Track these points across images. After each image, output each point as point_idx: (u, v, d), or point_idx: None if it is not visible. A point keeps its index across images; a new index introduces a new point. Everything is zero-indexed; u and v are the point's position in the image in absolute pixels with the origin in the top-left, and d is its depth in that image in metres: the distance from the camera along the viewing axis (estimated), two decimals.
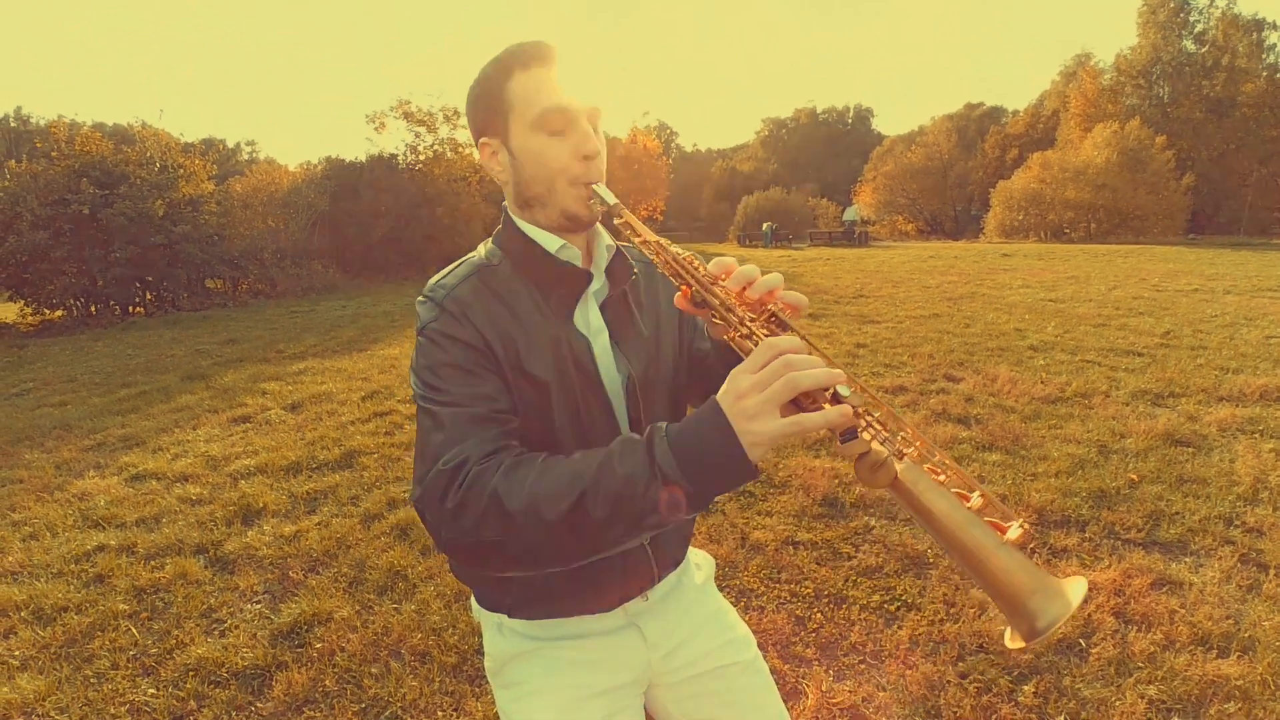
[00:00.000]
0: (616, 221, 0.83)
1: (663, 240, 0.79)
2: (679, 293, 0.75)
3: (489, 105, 0.84)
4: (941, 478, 0.62)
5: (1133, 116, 27.17)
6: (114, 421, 4.91)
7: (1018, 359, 5.45)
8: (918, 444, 0.64)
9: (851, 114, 66.07)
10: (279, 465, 3.80)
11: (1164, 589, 2.26)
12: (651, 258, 0.79)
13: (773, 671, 1.98)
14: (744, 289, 0.72)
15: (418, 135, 18.74)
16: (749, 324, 0.70)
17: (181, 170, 13.07)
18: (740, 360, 0.68)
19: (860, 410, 0.63)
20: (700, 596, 1.04)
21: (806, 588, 2.42)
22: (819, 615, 2.27)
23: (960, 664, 1.97)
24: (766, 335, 0.68)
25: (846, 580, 2.45)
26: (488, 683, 2.00)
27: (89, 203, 11.30)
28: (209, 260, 13.01)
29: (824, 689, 1.92)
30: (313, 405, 5.08)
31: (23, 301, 11.72)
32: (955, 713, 1.80)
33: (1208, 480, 3.02)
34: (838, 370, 0.62)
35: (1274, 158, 28.68)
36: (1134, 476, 3.09)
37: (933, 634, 2.12)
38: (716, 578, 1.15)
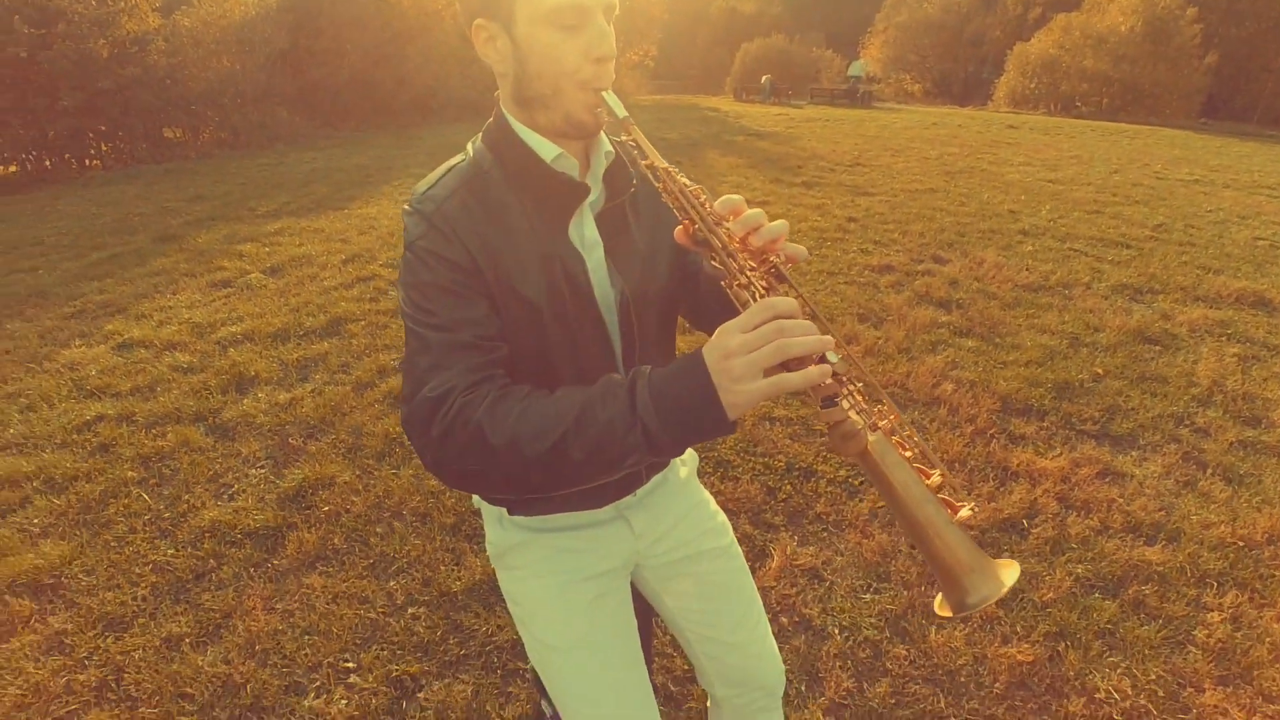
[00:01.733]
0: (624, 138, 0.78)
1: (671, 168, 0.75)
2: (680, 226, 0.73)
3: None
4: (908, 453, 0.65)
5: None
6: (91, 287, 4.82)
7: (1007, 243, 5.44)
8: (891, 417, 0.67)
9: None
10: (266, 332, 3.82)
11: (1108, 479, 2.46)
12: (656, 185, 0.75)
13: (743, 536, 2.20)
14: (748, 234, 0.70)
15: None
16: (748, 274, 0.69)
17: (122, 2, 11.77)
18: (733, 306, 0.69)
19: (843, 378, 0.64)
20: (683, 490, 1.12)
21: (779, 461, 2.59)
22: (788, 487, 2.45)
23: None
24: (765, 289, 0.68)
25: (816, 455, 2.62)
26: (484, 540, 2.20)
27: (25, 45, 10.26)
28: (163, 106, 12.12)
29: (788, 553, 2.13)
30: (293, 269, 5.00)
31: None
32: (903, 578, 2.02)
33: (1168, 379, 3.18)
34: (828, 337, 0.63)
35: None
36: (1099, 370, 3.23)
37: (890, 508, 2.32)
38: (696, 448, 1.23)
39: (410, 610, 1.95)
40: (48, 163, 11.39)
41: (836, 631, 1.85)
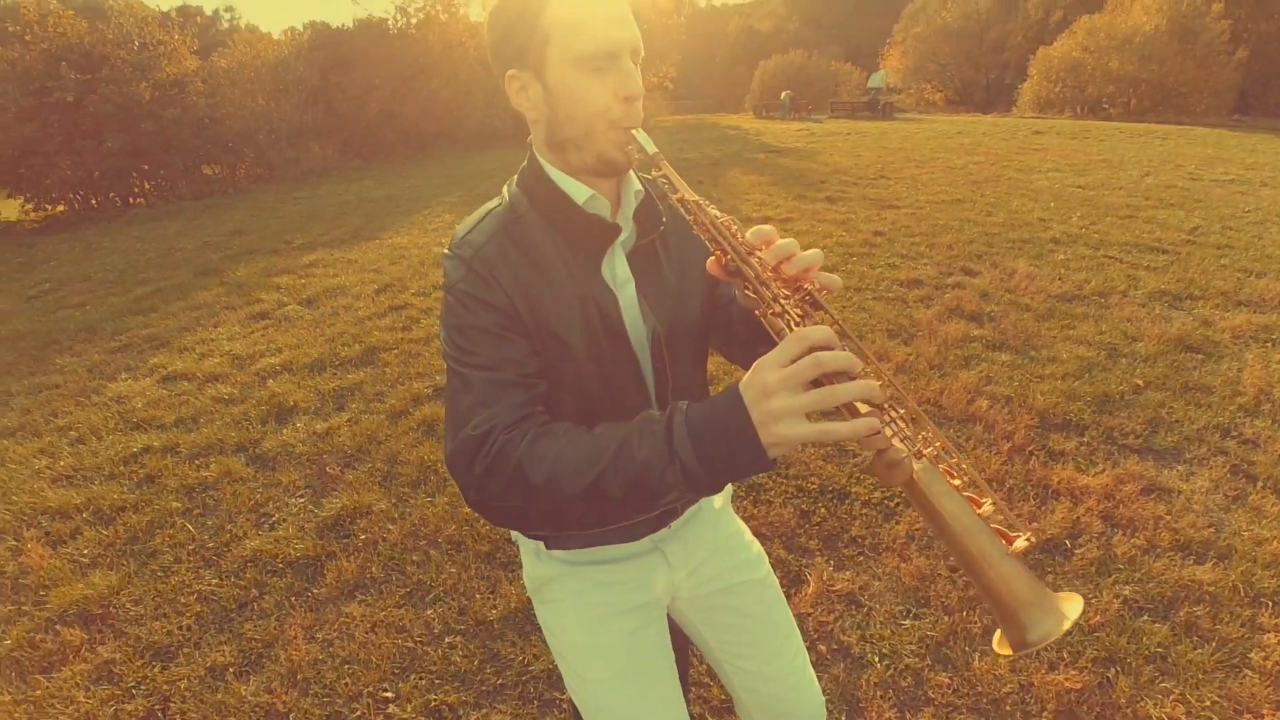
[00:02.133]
0: (655, 174, 0.79)
1: (701, 200, 0.76)
2: (712, 257, 0.73)
3: (521, 35, 0.78)
4: (956, 481, 0.63)
5: None
6: (136, 322, 5.02)
7: (1038, 252, 5.35)
8: (937, 444, 0.64)
9: None
10: (303, 363, 3.92)
11: (1153, 495, 2.38)
12: (687, 218, 0.75)
13: (778, 561, 2.18)
14: (780, 263, 0.70)
15: None
16: (782, 302, 0.68)
17: (162, 47, 12.41)
18: (767, 336, 0.68)
19: (884, 405, 0.62)
20: (718, 520, 1.12)
21: (812, 483, 2.57)
22: (823, 510, 2.42)
23: (951, 559, 2.14)
24: (799, 317, 0.67)
25: (850, 477, 2.59)
26: (519, 569, 2.21)
27: (72, 90, 10.88)
28: (203, 145, 12.69)
29: (824, 578, 2.11)
30: (328, 300, 5.14)
31: (23, 198, 11.61)
32: (944, 603, 1.97)
33: (1212, 389, 3.08)
34: (872, 381, 0.61)
35: None
36: (1140, 382, 3.15)
37: (928, 530, 2.27)
38: None
39: (447, 639, 1.97)
40: (94, 201, 11.97)
41: (876, 659, 1.82)
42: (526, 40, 0.78)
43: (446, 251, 0.86)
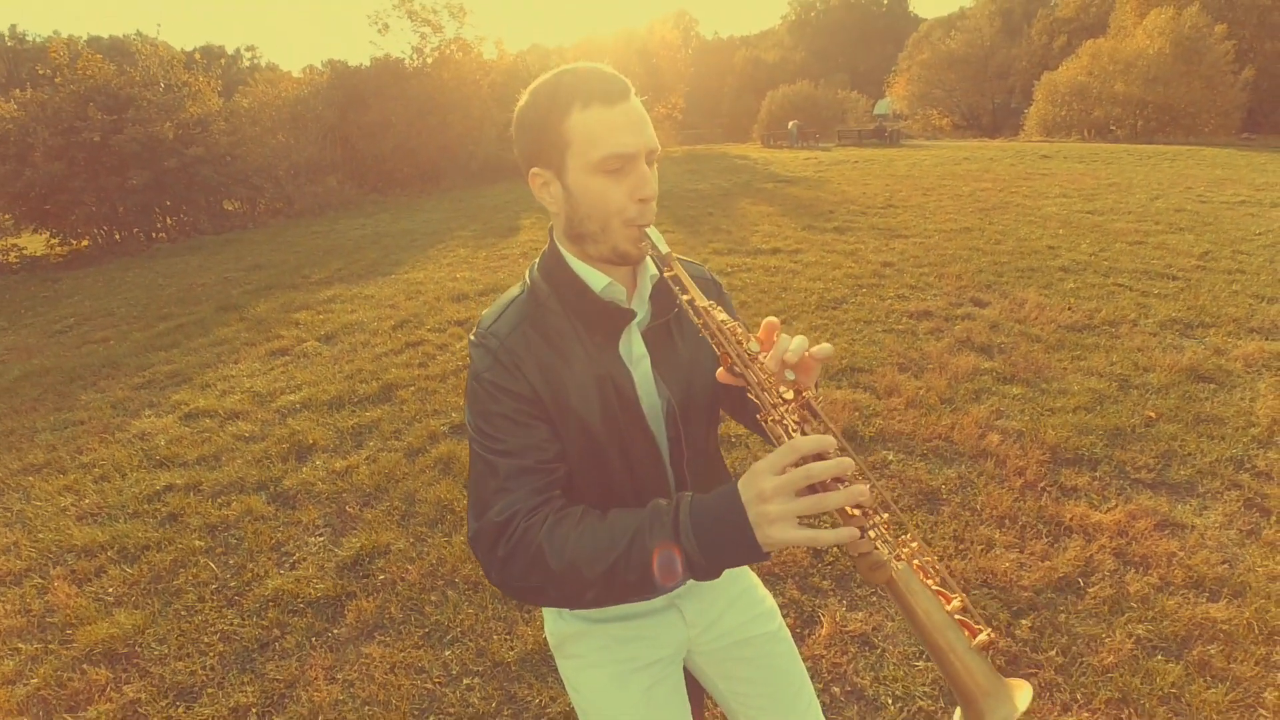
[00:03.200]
0: (666, 273, 0.85)
1: (710, 305, 0.81)
2: (721, 367, 0.80)
3: (544, 140, 0.84)
4: (930, 581, 0.70)
5: (1192, 1, 24.80)
6: (158, 358, 5.14)
7: (1047, 281, 5.38)
8: (913, 545, 0.72)
9: None
10: (322, 400, 4.00)
11: (1166, 531, 2.38)
12: (695, 321, 0.81)
13: (791, 602, 2.19)
14: (781, 363, 0.76)
15: (423, 36, 17.91)
16: (781, 409, 0.74)
17: (187, 89, 12.85)
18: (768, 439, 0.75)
19: (869, 512, 0.70)
20: (732, 576, 1.15)
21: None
22: (835, 550, 2.43)
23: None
24: (796, 425, 0.74)
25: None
26: (536, 610, 2.24)
27: (99, 129, 11.27)
28: (224, 181, 13.03)
29: (838, 619, 2.11)
30: (345, 336, 5.25)
31: (49, 233, 11.96)
32: None
33: (1225, 420, 3.07)
34: (860, 487, 0.68)
35: None
36: (1152, 414, 3.15)
37: (940, 570, 2.28)
38: None
39: (465, 681, 2.00)
40: (118, 236, 12.29)
41: (890, 701, 1.82)
42: (550, 144, 0.84)
43: (472, 338, 0.92)
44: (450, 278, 6.91)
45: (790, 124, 25.61)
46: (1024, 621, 2.03)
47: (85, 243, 12.18)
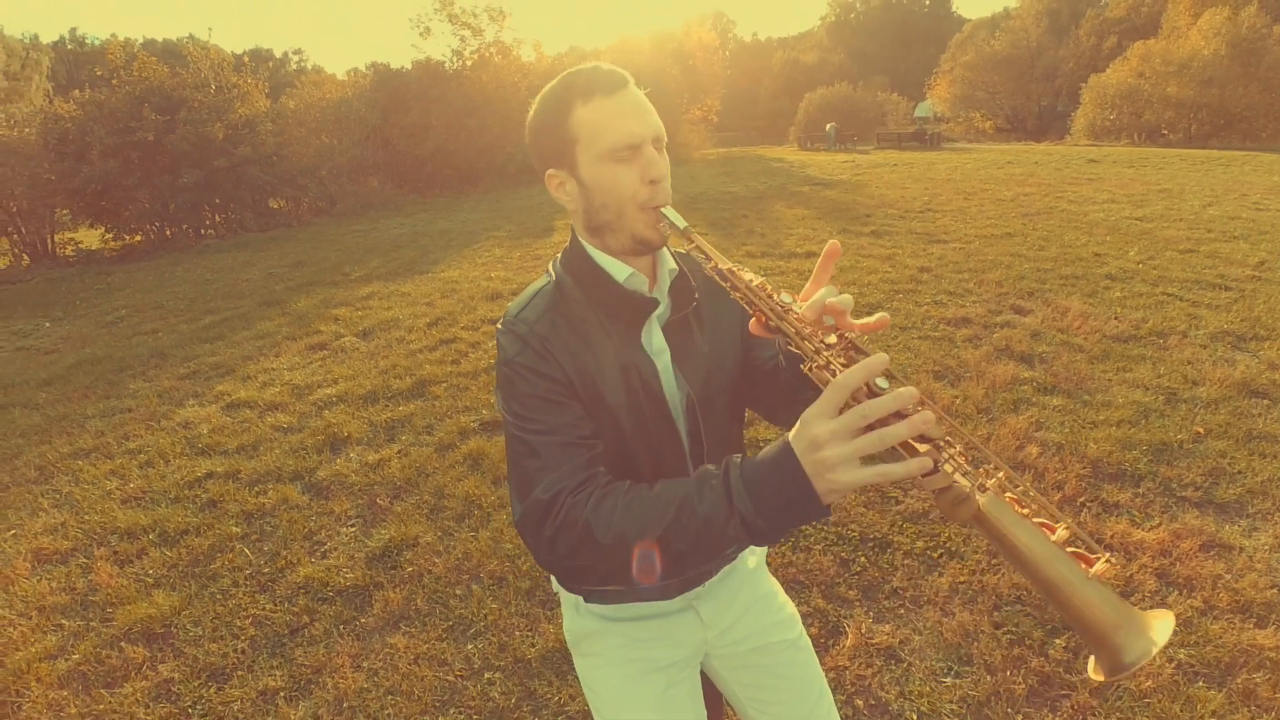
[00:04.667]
0: (688, 246, 0.85)
1: (735, 267, 0.81)
2: (753, 319, 0.78)
3: (553, 140, 0.87)
4: (1025, 510, 0.61)
5: (1250, 1, 23.74)
6: (204, 349, 5.32)
7: (1092, 289, 5.20)
8: (1000, 475, 0.63)
9: None
10: (358, 394, 4.09)
11: (1212, 553, 2.28)
12: (723, 284, 0.80)
13: (815, 611, 2.16)
14: (818, 316, 0.73)
15: (463, 39, 18.20)
16: (825, 353, 0.70)
17: (236, 91, 13.31)
18: (813, 387, 0.69)
19: (941, 442, 0.62)
20: (752, 580, 1.14)
21: (853, 530, 2.54)
22: (863, 558, 2.39)
23: (996, 614, 2.08)
24: (843, 366, 0.67)
25: (892, 525, 2.55)
26: (557, 607, 2.25)
27: (153, 129, 11.75)
28: (270, 180, 13.45)
29: (863, 630, 2.07)
30: (382, 332, 5.35)
31: (104, 228, 12.50)
32: (987, 661, 1.92)
33: (1278, 438, 2.93)
34: (925, 414, 0.61)
35: None
36: (1200, 429, 3.02)
37: (972, 583, 2.23)
38: None
39: (487, 675, 2.01)
40: (168, 232, 12.78)
41: (915, 717, 1.78)
42: (558, 145, 0.86)
43: (500, 327, 0.92)
44: (485, 277, 7.01)
45: (828, 126, 25.31)
46: (1058, 641, 1.96)
47: (138, 238, 12.70)
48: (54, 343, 6.31)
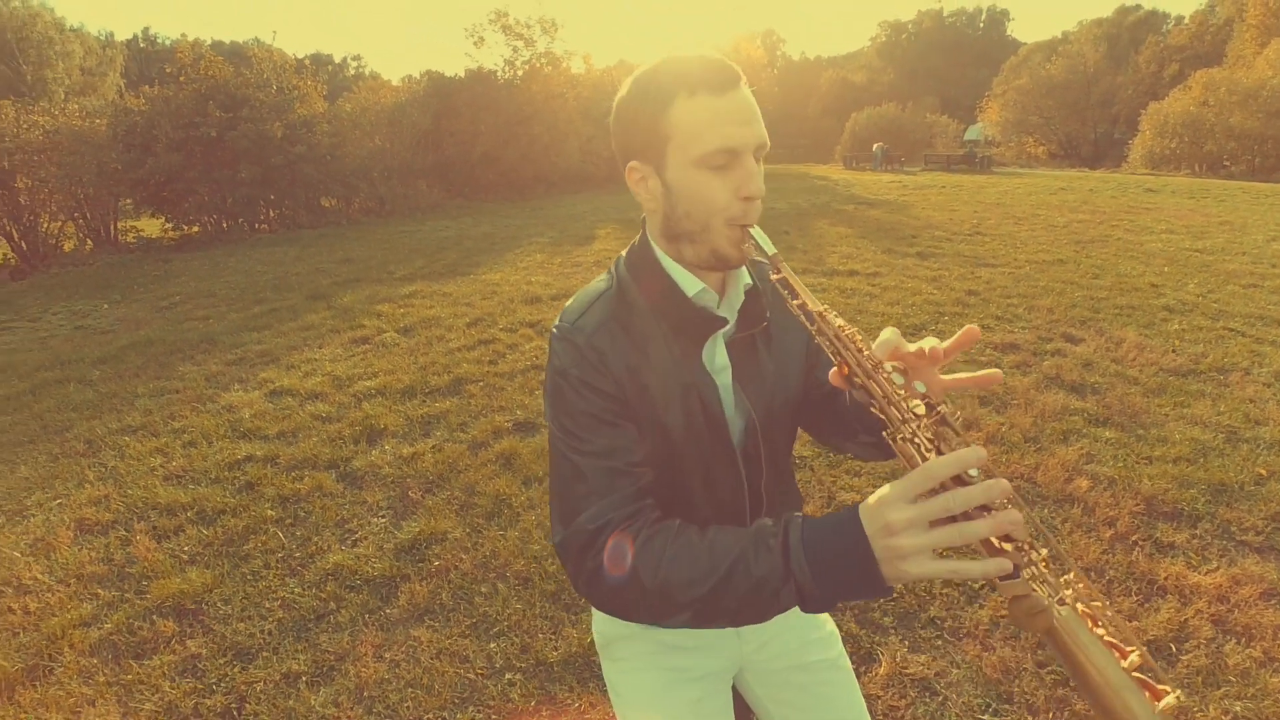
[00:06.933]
0: (774, 277, 0.76)
1: (825, 310, 0.72)
2: (835, 369, 0.71)
3: (643, 132, 0.79)
4: (1100, 630, 0.58)
5: None
6: (251, 338, 5.47)
7: (1149, 321, 5.00)
8: (1079, 586, 0.60)
9: (984, 17, 59.27)
10: (396, 388, 4.15)
11: (1273, 601, 2.13)
12: (809, 327, 0.73)
13: (848, 635, 2.09)
14: (919, 362, 0.69)
15: (515, 50, 18.55)
16: (911, 424, 0.65)
17: (296, 92, 13.80)
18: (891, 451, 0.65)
19: (1023, 546, 0.58)
20: None
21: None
22: (900, 585, 2.30)
23: (1040, 653, 1.98)
24: (930, 443, 0.63)
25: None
26: (583, 610, 2.22)
27: (216, 126, 12.24)
28: (324, 179, 13.87)
29: (898, 659, 1.99)
30: (423, 330, 5.43)
31: (164, 218, 13.05)
32: (1029, 701, 1.83)
33: None
34: (1013, 513, 0.57)
35: None
36: (1263, 471, 2.85)
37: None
38: None
39: (507, 675, 1.99)
40: (225, 225, 13.27)
41: None
42: (649, 136, 0.79)
43: (555, 331, 0.86)
44: (525, 280, 7.08)
45: (875, 146, 25.05)
46: None
47: (196, 229, 13.21)
48: (111, 324, 6.57)
